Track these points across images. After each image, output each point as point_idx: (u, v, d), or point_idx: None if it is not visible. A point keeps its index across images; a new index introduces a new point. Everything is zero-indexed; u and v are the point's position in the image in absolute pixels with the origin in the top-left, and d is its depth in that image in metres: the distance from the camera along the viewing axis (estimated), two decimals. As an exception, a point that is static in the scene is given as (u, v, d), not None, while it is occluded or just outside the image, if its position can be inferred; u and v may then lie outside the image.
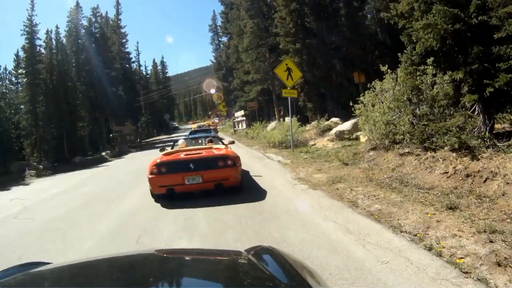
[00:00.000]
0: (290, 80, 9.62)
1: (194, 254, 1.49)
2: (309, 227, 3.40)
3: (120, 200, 5.72)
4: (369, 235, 3.25)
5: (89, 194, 6.99)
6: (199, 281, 1.07)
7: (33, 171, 16.28)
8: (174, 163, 5.20)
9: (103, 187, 7.78)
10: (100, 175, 10.55)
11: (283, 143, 10.75)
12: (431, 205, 4.18)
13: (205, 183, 5.02)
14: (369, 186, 5.22)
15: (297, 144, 10.38)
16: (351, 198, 4.60)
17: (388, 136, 7.17)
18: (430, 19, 5.56)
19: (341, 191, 4.96)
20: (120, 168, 11.39)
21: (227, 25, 27.48)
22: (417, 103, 7.19)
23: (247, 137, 17.09)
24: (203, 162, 5.16)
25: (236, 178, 5.17)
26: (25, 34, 21.62)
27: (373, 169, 6.33)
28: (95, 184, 8.60)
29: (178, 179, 4.99)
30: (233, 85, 26.27)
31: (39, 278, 1.10)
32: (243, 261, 1.20)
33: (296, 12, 13.85)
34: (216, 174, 5.08)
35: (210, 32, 39.92)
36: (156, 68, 53.29)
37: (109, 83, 24.32)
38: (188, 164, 5.08)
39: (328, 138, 10.99)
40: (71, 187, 8.75)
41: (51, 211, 5.78)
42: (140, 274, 1.10)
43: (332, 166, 6.76)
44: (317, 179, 5.69)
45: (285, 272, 1.06)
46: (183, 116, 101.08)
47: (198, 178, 5.00)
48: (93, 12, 25.59)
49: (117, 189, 7.05)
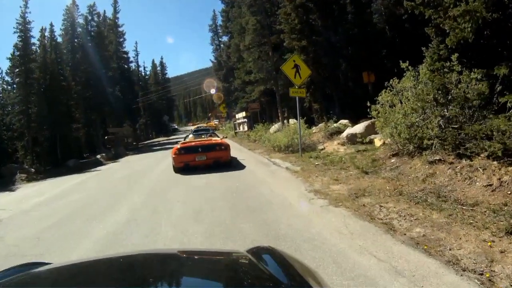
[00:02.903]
0: (298, 78, 8.81)
1: (194, 254, 1.48)
2: (343, 266, 2.55)
3: (104, 217, 4.87)
4: (426, 278, 2.42)
5: (72, 206, 6.14)
6: (199, 281, 1.07)
7: (24, 175, 15.45)
8: (189, 147, 8.32)
9: (90, 197, 6.91)
10: (91, 182, 9.69)
11: (289, 147, 9.90)
12: (485, 228, 3.36)
13: (208, 160, 8.04)
14: (401, 202, 4.38)
15: (304, 148, 9.55)
16: (384, 219, 3.76)
17: (413, 141, 6.33)
18: (471, 4, 4.76)
19: (369, 208, 4.12)
20: (112, 174, 10.54)
21: (228, 24, 26.69)
22: (444, 104, 6.36)
23: (249, 140, 16.25)
24: (207, 147, 8.24)
25: (227, 157, 8.40)
26: (18, 32, 20.83)
27: (399, 179, 5.49)
28: (83, 192, 7.75)
29: (192, 157, 8.05)
30: (234, 86, 25.39)
31: (39, 278, 1.10)
32: (243, 261, 1.19)
33: (302, 7, 13.04)
34: (215, 154, 8.11)
35: (210, 32, 39.03)
36: (156, 69, 52.45)
37: (106, 83, 23.45)
38: (198, 148, 8.22)
39: (339, 141, 10.16)
40: (56, 196, 7.90)
41: (25, 227, 4.94)
42: (140, 274, 1.09)
43: (350, 175, 5.92)
44: (337, 192, 4.85)
45: (285, 272, 1.05)
46: (183, 117, 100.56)
47: (203, 156, 8.04)
48: (89, 10, 24.77)
49: (104, 200, 6.19)
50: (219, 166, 8.03)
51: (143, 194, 6.16)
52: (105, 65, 24.46)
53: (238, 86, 23.70)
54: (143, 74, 47.53)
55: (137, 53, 46.37)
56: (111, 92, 23.44)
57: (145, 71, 48.95)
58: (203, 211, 4.47)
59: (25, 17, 21.24)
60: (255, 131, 16.27)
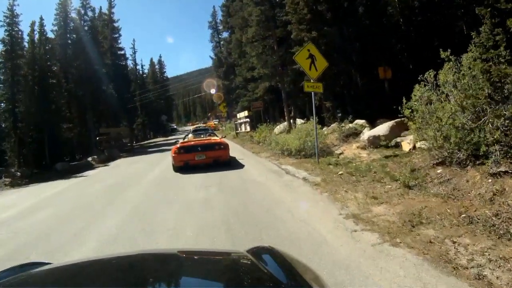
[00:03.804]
0: (314, 70, 7.53)
1: (194, 254, 1.45)
2: None
3: (70, 248, 3.59)
4: None
5: (37, 226, 4.84)
6: (199, 281, 1.06)
7: (8, 180, 14.18)
8: (188, 147, 8.20)
9: (57, 216, 5.45)
10: (71, 191, 8.37)
11: (302, 151, 8.60)
12: None
13: (207, 159, 7.92)
14: (478, 235, 3.11)
15: (319, 152, 8.32)
16: (470, 268, 2.48)
17: (463, 147, 5.06)
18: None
19: (439, 247, 2.85)
20: (96, 182, 9.22)
21: (228, 19, 25.34)
22: (501, 101, 5.08)
23: (252, 142, 14.94)
24: (206, 146, 8.14)
25: (227, 156, 8.30)
26: (5, 26, 19.52)
27: (457, 197, 4.21)
28: (58, 206, 6.45)
29: (191, 156, 7.92)
30: (235, 83, 24.02)
31: (39, 278, 1.10)
32: (243, 261, 1.18)
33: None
34: (214, 153, 7.99)
35: (210, 28, 37.68)
36: (154, 67, 51.06)
37: (100, 80, 22.12)
38: (197, 147, 8.11)
39: (357, 144, 8.89)
40: (29, 208, 6.60)
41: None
42: (140, 274, 1.08)
43: (389, 189, 4.63)
44: (383, 218, 3.56)
45: (285, 272, 1.04)
46: (182, 117, 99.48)
47: (203, 156, 7.90)
48: (82, 3, 23.42)
49: (70, 224, 4.71)
50: (222, 176, 6.77)
51: (123, 215, 4.83)
52: (99, 61, 23.13)
53: (239, 83, 22.34)
54: (141, 72, 46.26)
55: (134, 51, 45.34)
56: (105, 90, 22.07)
57: (142, 69, 47.70)
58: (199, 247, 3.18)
59: (12, 10, 19.92)
60: (259, 131, 14.97)
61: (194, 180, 6.97)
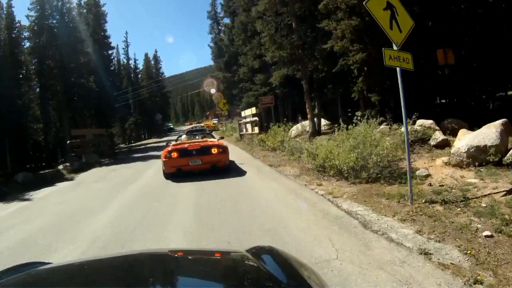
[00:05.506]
0: (397, 30, 4.17)
1: (194, 254, 1.42)
2: None
3: None
4: None
5: None
6: (199, 281, 1.04)
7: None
8: (181, 150, 7.30)
9: None
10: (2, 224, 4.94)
11: (362, 171, 5.20)
12: None
13: (203, 164, 7.17)
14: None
15: (382, 172, 5.01)
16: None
17: None
18: None
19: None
20: (43, 209, 5.87)
21: (230, 2, 21.88)
22: None
23: (263, 148, 11.53)
24: (202, 149, 7.31)
25: (225, 161, 7.56)
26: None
27: None
28: None
29: (185, 161, 7.14)
30: (238, 76, 20.50)
31: (39, 278, 1.07)
32: (243, 261, 1.17)
33: None
34: (211, 158, 7.26)
35: (209, 19, 34.05)
36: (149, 62, 47.54)
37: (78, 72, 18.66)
38: (192, 151, 7.25)
39: (445, 159, 5.52)
40: None
41: None
42: (140, 274, 1.06)
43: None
44: None
45: (285, 272, 1.03)
46: (180, 117, 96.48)
47: (198, 160, 7.14)
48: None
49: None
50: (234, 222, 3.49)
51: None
52: (80, 50, 19.68)
53: (243, 75, 18.87)
54: (134, 68, 42.80)
55: (127, 44, 41.83)
56: (84, 83, 18.57)
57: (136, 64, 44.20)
58: None
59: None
60: (271, 134, 11.60)
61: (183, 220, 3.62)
